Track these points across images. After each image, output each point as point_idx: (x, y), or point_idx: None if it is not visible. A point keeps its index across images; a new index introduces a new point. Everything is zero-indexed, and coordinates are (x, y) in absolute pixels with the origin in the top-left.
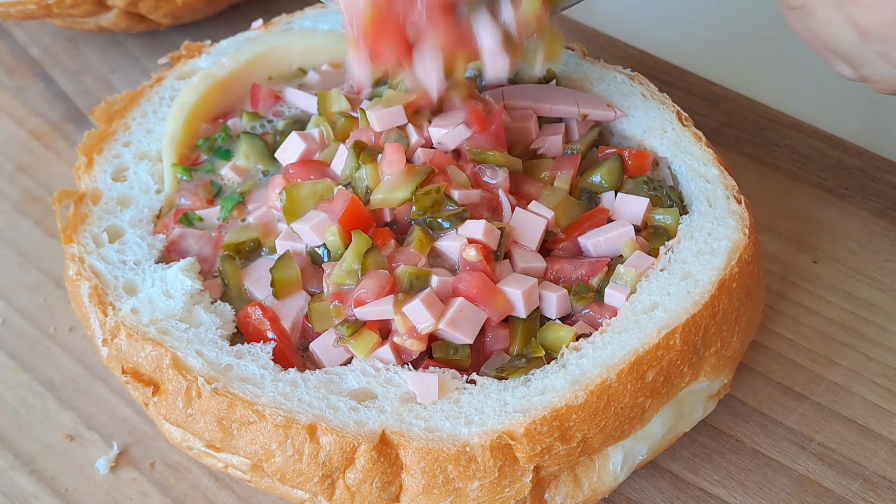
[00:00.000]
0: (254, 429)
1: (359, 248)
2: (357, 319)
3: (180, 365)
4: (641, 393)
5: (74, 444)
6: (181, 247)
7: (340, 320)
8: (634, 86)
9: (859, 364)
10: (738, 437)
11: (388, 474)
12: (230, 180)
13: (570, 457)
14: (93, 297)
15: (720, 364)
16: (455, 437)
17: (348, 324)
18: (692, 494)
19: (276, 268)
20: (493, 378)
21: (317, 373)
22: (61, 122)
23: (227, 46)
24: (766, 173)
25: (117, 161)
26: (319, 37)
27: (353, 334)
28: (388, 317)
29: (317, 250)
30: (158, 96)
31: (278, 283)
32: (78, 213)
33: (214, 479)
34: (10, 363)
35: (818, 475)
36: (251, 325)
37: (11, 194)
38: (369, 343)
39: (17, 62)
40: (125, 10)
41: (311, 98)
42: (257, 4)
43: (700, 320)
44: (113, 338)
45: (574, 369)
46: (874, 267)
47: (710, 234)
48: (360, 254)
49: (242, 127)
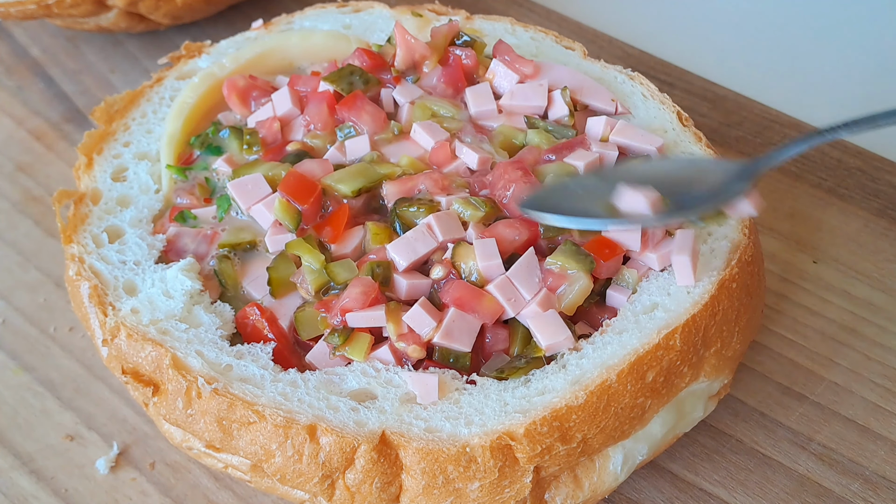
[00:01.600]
0: (254, 429)
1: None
2: (346, 326)
3: (180, 365)
4: (641, 393)
5: (74, 444)
6: (177, 245)
7: (329, 331)
8: (634, 86)
9: (859, 364)
10: (738, 437)
11: (387, 475)
12: (224, 173)
13: (571, 457)
14: (93, 298)
15: (720, 364)
16: (455, 437)
17: (338, 332)
18: (692, 494)
19: (273, 267)
20: (493, 379)
21: (317, 373)
22: (61, 122)
23: (227, 46)
24: (766, 173)
25: (117, 161)
26: (319, 37)
27: (345, 342)
28: (379, 324)
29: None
30: (158, 96)
31: (275, 282)
32: (78, 214)
33: (214, 479)
34: (10, 363)
35: (818, 475)
36: (249, 326)
37: (11, 194)
38: (364, 344)
39: (17, 62)
40: (125, 10)
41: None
42: (257, 4)
43: (700, 320)
44: (113, 338)
45: (574, 370)
46: (874, 267)
47: (710, 234)
48: (311, 251)
49: (231, 122)
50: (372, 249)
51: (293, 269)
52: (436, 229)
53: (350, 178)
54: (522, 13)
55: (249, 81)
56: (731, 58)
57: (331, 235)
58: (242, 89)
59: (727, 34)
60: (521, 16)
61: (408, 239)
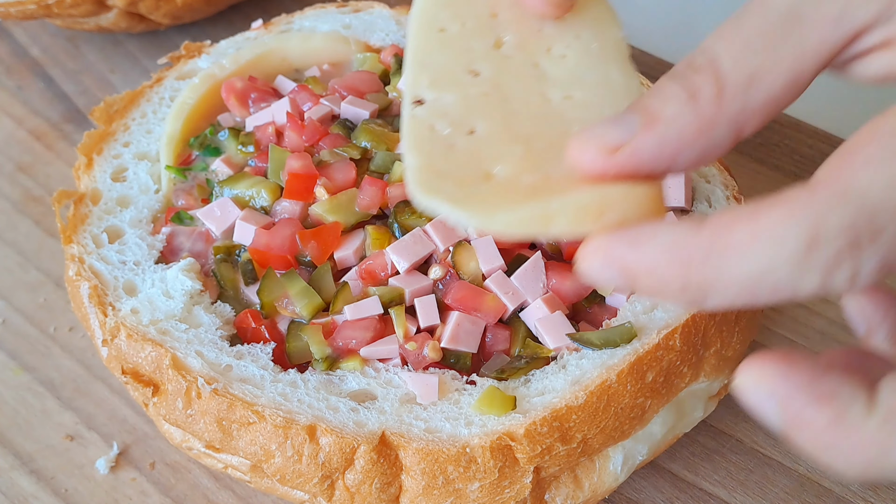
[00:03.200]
0: (253, 429)
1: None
2: (331, 354)
3: (180, 365)
4: (641, 393)
5: (74, 444)
6: (173, 244)
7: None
8: None
9: None
10: (738, 437)
11: (387, 475)
12: (223, 174)
13: (571, 457)
14: (93, 298)
15: (720, 364)
16: (455, 437)
17: (325, 358)
18: (692, 494)
19: (261, 290)
20: (493, 379)
21: (316, 374)
22: (61, 122)
23: (227, 46)
24: (766, 173)
25: (117, 161)
26: (319, 39)
27: (330, 367)
28: (393, 356)
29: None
30: (158, 96)
31: (267, 306)
32: (78, 214)
33: (214, 479)
34: (10, 363)
35: (818, 475)
36: (249, 331)
37: (11, 194)
38: (356, 363)
39: (17, 62)
40: (125, 10)
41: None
42: (257, 4)
43: (700, 321)
44: (113, 338)
45: (574, 370)
46: None
47: None
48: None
49: (230, 124)
50: (372, 254)
51: (283, 289)
52: (433, 236)
53: (343, 210)
54: None
55: (248, 83)
56: None
57: (317, 254)
58: (241, 91)
59: None
60: None
61: (406, 242)
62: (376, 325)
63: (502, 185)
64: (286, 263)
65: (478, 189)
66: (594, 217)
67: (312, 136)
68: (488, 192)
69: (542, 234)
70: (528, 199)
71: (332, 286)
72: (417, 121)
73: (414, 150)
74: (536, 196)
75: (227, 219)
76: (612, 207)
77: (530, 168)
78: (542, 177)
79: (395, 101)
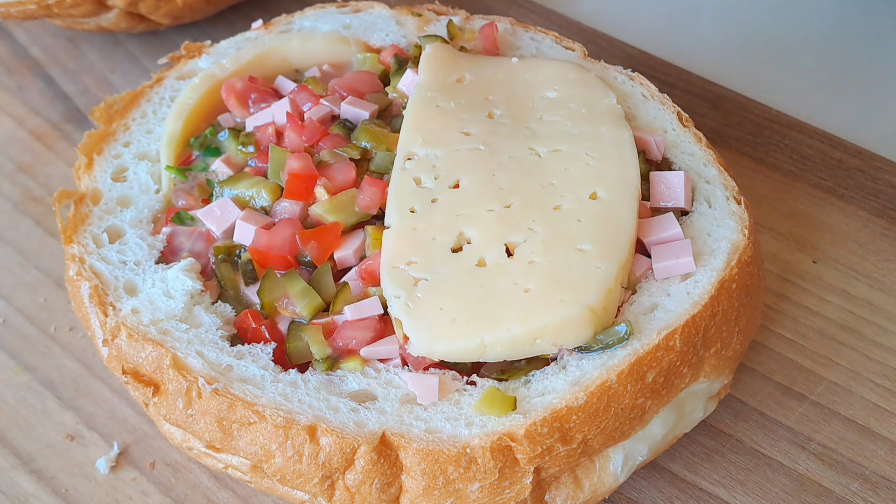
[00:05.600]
0: (254, 429)
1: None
2: (332, 355)
3: (180, 365)
4: (641, 394)
5: (74, 444)
6: (173, 245)
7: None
8: (634, 86)
9: (859, 364)
10: (738, 437)
11: (387, 475)
12: (223, 174)
13: (571, 458)
14: (93, 298)
15: (720, 364)
16: (455, 438)
17: (325, 358)
18: (692, 494)
19: (262, 290)
20: (493, 379)
21: (317, 374)
22: (61, 122)
23: (227, 46)
24: (766, 173)
25: (117, 161)
26: (319, 39)
27: (330, 367)
28: (393, 356)
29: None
30: (158, 96)
31: (267, 306)
32: (78, 214)
33: (214, 479)
34: (10, 363)
35: (818, 475)
36: (249, 332)
37: (11, 194)
38: (357, 363)
39: (18, 62)
40: (125, 10)
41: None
42: (257, 4)
43: (700, 321)
44: (113, 338)
45: (574, 370)
46: (874, 267)
47: (710, 234)
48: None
49: (231, 125)
50: (372, 254)
51: (283, 289)
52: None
53: (343, 210)
54: (522, 13)
55: (248, 84)
56: (731, 58)
57: (317, 254)
58: (241, 91)
59: (727, 34)
60: (521, 16)
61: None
62: (376, 326)
63: (447, 317)
64: (286, 264)
65: (432, 306)
66: (525, 346)
67: (312, 136)
68: (436, 321)
69: (479, 359)
70: (466, 335)
71: (332, 286)
72: (405, 174)
73: (395, 211)
74: (472, 331)
75: (228, 219)
76: (542, 335)
77: (493, 239)
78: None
79: (394, 102)
